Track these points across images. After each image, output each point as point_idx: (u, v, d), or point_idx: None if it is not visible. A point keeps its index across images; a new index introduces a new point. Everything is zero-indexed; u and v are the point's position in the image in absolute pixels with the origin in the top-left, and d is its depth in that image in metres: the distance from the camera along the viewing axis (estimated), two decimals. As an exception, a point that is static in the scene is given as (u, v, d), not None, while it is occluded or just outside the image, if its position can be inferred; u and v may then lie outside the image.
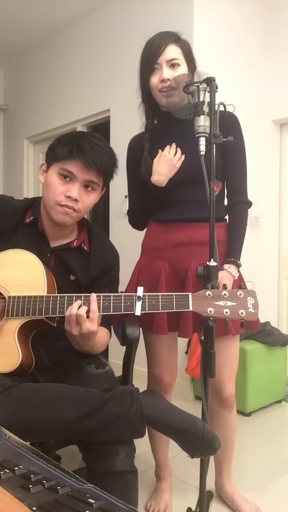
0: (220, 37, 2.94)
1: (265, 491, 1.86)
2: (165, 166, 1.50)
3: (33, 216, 1.44)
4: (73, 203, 1.34)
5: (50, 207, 1.37)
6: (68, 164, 1.34)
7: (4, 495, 0.50)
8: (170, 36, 1.53)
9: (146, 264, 1.62)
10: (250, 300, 1.18)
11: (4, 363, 1.26)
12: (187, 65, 1.53)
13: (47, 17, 3.60)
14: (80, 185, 1.35)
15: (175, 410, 1.19)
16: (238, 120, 1.59)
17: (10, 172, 4.59)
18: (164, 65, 1.50)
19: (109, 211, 3.40)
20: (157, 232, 1.61)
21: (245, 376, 2.61)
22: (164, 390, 1.66)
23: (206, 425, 1.16)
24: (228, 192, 1.62)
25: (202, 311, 1.17)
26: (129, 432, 1.17)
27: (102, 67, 3.48)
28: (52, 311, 1.26)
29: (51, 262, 1.43)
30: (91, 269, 1.45)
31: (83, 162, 1.33)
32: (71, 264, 1.44)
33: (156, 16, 3.00)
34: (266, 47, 3.25)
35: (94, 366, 1.39)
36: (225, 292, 1.17)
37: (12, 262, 1.33)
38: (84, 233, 1.49)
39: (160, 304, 1.21)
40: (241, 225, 1.59)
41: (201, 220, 1.51)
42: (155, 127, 1.62)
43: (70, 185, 1.35)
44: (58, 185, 1.35)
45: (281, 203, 3.39)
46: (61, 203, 1.34)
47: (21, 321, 1.28)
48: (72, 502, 0.50)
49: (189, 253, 1.54)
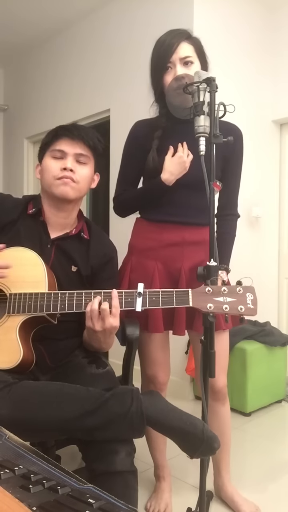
0: (220, 37, 2.94)
1: (265, 491, 1.86)
2: (178, 167, 1.50)
3: (35, 207, 1.47)
4: (70, 173, 1.41)
5: (50, 185, 1.43)
6: (57, 144, 1.43)
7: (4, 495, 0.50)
8: (182, 34, 1.53)
9: (138, 263, 1.62)
10: (249, 295, 1.19)
11: (6, 360, 1.27)
12: (200, 62, 1.53)
13: (47, 17, 3.60)
14: (72, 159, 1.42)
15: (175, 410, 1.19)
16: (242, 135, 1.61)
17: (10, 172, 4.59)
18: (178, 64, 1.50)
19: (109, 211, 3.40)
20: (150, 232, 1.62)
21: (245, 376, 2.61)
22: (158, 389, 1.66)
23: (205, 425, 1.17)
24: (220, 204, 1.66)
25: (202, 306, 1.18)
26: (129, 431, 1.17)
27: (102, 67, 3.48)
28: (53, 308, 1.26)
29: (51, 253, 1.44)
30: (91, 257, 1.48)
31: (70, 138, 1.42)
32: (71, 253, 1.46)
33: (156, 16, 3.00)
34: (266, 47, 3.25)
35: (95, 366, 1.40)
36: (224, 288, 1.19)
37: (13, 260, 1.34)
38: (82, 223, 1.53)
39: (160, 300, 1.22)
40: (230, 236, 1.67)
41: (195, 224, 1.56)
42: (169, 125, 1.60)
43: (64, 160, 1.42)
44: (53, 164, 1.42)
45: (281, 203, 3.38)
46: (58, 176, 1.41)
47: (22, 318, 1.28)
48: (72, 502, 0.50)
49: (181, 253, 1.56)
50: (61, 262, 1.45)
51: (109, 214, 3.41)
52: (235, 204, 1.68)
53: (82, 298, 1.26)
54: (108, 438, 1.17)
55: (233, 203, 1.67)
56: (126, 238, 1.70)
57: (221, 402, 1.66)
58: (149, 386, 1.69)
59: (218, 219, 1.63)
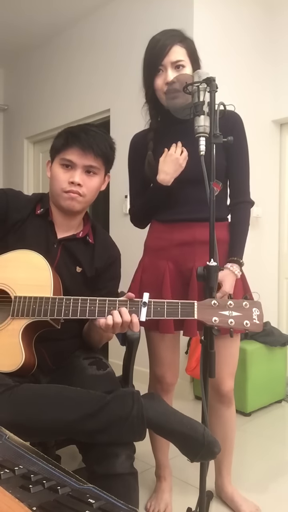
0: (220, 37, 2.94)
1: (265, 491, 1.86)
2: (171, 165, 1.50)
3: (43, 208, 1.48)
4: (77, 188, 1.40)
5: (57, 196, 1.42)
6: (66, 153, 1.40)
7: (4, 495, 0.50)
8: (175, 36, 1.52)
9: (150, 263, 1.62)
10: (256, 311, 1.18)
11: (7, 363, 1.26)
12: (191, 65, 1.52)
13: (47, 17, 3.60)
14: (81, 170, 1.40)
15: (176, 414, 1.19)
16: (241, 119, 1.59)
17: (10, 172, 4.59)
18: (169, 67, 1.49)
19: (109, 210, 3.40)
20: (161, 232, 1.61)
21: (245, 376, 2.61)
22: (165, 389, 1.66)
23: (206, 429, 1.16)
24: (231, 192, 1.62)
25: (207, 320, 1.17)
26: (129, 434, 1.17)
27: (102, 67, 3.48)
28: (57, 313, 1.25)
29: (57, 253, 1.45)
30: (96, 260, 1.48)
31: (80, 148, 1.39)
32: (77, 254, 1.47)
33: (156, 16, 3.00)
34: (266, 47, 3.25)
35: (96, 368, 1.40)
36: (230, 302, 1.17)
37: (20, 262, 1.34)
38: (89, 227, 1.53)
39: (165, 311, 1.21)
40: (243, 224, 1.60)
41: (205, 219, 1.51)
42: (160, 126, 1.62)
43: (72, 172, 1.40)
44: (61, 174, 1.41)
45: (281, 203, 3.38)
46: (65, 190, 1.40)
47: (26, 321, 1.28)
48: (72, 502, 0.50)
49: (193, 252, 1.54)
50: (66, 262, 1.45)
51: (109, 214, 3.41)
52: (246, 190, 1.61)
53: (87, 304, 1.25)
54: (109, 441, 1.17)
55: (244, 189, 1.61)
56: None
57: (226, 405, 1.65)
58: (156, 386, 1.68)
59: (231, 208, 1.61)
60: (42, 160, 4.29)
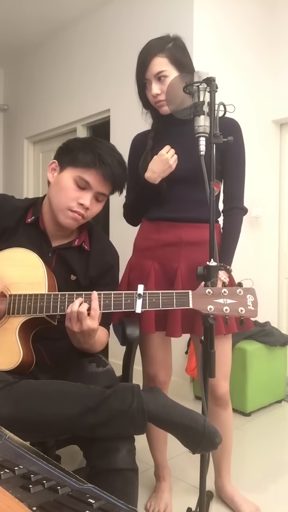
0: (220, 36, 2.94)
1: (265, 491, 1.86)
2: (160, 165, 1.52)
3: (34, 216, 1.45)
4: (83, 211, 1.38)
5: (60, 210, 1.39)
6: (87, 174, 1.36)
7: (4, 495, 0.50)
8: (154, 47, 1.53)
9: (137, 263, 1.64)
10: (250, 297, 1.19)
11: (5, 361, 1.27)
12: (177, 70, 1.52)
13: (47, 17, 3.60)
14: (93, 195, 1.39)
15: (176, 406, 1.19)
16: (239, 126, 1.59)
17: (10, 172, 4.59)
18: (153, 80, 1.53)
19: (109, 211, 3.40)
20: (148, 232, 1.63)
21: (245, 376, 2.61)
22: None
23: (206, 420, 1.16)
24: (225, 197, 1.63)
25: (202, 308, 1.18)
26: (130, 427, 1.17)
27: (102, 67, 3.48)
28: (53, 309, 1.26)
29: (52, 262, 1.44)
30: (91, 268, 1.47)
31: (103, 175, 1.37)
32: (72, 263, 1.45)
33: (156, 15, 3.00)
34: (266, 47, 3.25)
35: (95, 365, 1.40)
36: (224, 289, 1.18)
37: (14, 261, 1.34)
38: (85, 233, 1.51)
39: (160, 302, 1.22)
40: (235, 231, 1.60)
41: (191, 220, 1.55)
42: (159, 127, 1.65)
43: (84, 193, 1.37)
44: (72, 190, 1.37)
45: (281, 203, 3.38)
46: (72, 209, 1.37)
47: (22, 319, 1.29)
48: (72, 502, 0.50)
49: (178, 253, 1.56)
50: (61, 270, 1.44)
51: (109, 214, 3.40)
52: (238, 197, 1.61)
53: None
54: (110, 435, 1.17)
55: (237, 196, 1.60)
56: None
57: (223, 407, 1.65)
58: (149, 386, 1.68)
59: (224, 214, 1.62)
60: (42, 160, 4.29)
